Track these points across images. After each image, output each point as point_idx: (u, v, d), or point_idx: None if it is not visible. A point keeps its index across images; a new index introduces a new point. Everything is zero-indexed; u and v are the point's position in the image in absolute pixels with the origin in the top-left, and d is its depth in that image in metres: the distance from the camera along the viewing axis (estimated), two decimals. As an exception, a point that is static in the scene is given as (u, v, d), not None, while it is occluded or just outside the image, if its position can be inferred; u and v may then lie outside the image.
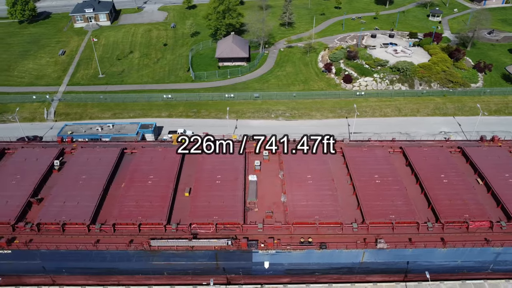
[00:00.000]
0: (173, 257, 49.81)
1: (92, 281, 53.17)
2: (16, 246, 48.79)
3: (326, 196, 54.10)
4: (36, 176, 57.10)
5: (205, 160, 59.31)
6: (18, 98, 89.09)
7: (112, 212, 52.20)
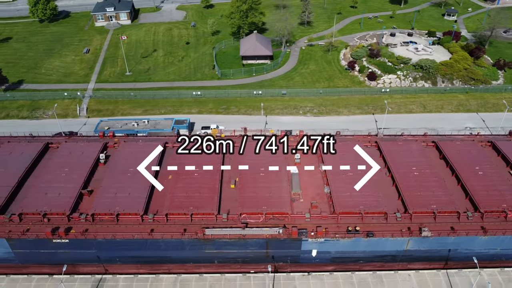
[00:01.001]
0: (225, 245, 51.73)
1: (144, 269, 54.97)
2: (74, 235, 50.94)
3: (368, 187, 56.37)
4: (85, 169, 58.93)
5: (245, 155, 60.42)
6: (49, 95, 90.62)
7: (163, 203, 54.35)
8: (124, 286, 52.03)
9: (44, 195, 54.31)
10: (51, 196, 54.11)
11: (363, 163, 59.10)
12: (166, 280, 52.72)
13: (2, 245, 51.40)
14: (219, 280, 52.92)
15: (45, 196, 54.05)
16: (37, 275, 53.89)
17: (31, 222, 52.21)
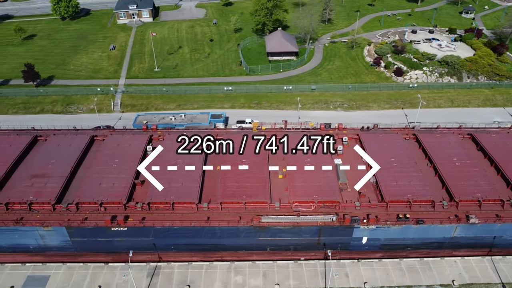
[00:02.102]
0: (279, 232, 53.18)
1: (197, 257, 56.29)
2: (133, 223, 52.26)
3: (414, 177, 57.83)
4: (135, 160, 60.08)
5: (292, 145, 61.61)
6: (82, 90, 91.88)
7: (216, 192, 55.87)
8: (179, 273, 53.53)
9: (98, 185, 55.62)
10: (106, 186, 55.50)
11: (407, 155, 61.39)
12: (220, 267, 54.17)
13: (61, 233, 52.74)
14: (272, 267, 54.41)
15: (100, 186, 55.35)
16: (93, 263, 55.55)
17: (88, 211, 53.58)
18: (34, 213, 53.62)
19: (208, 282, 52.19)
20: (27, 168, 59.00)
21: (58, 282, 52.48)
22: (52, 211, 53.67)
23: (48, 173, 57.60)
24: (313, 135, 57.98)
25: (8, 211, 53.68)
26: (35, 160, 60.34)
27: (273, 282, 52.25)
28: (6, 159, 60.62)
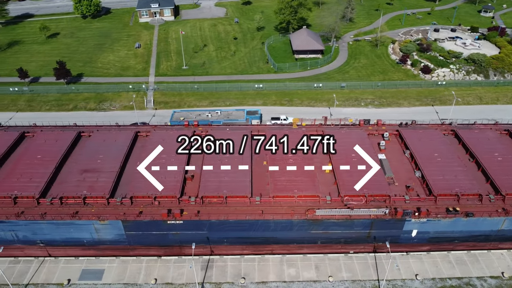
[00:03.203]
0: (332, 226, 53.95)
1: (248, 250, 57.01)
2: (189, 216, 52.97)
3: (459, 172, 58.75)
4: (183, 155, 61.05)
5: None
6: (113, 87, 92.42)
7: (267, 186, 56.64)
8: (232, 266, 54.33)
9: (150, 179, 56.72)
10: (158, 180, 56.33)
11: (449, 150, 62.02)
12: (273, 260, 55.00)
13: (117, 227, 53.40)
14: (323, 260, 55.28)
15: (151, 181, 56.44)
16: (145, 256, 56.26)
17: (142, 205, 54.40)
18: (89, 207, 54.44)
19: (262, 274, 53.00)
20: (76, 163, 59.66)
21: (113, 275, 53.20)
22: (107, 205, 54.34)
23: (98, 168, 58.30)
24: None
25: (63, 205, 54.50)
26: (83, 156, 60.97)
27: (326, 274, 53.12)
28: (54, 154, 61.55)
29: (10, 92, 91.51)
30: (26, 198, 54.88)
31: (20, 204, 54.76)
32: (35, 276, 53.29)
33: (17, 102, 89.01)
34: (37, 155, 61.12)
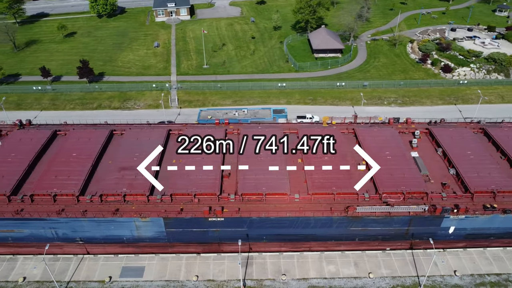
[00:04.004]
0: (371, 223, 54.39)
1: (286, 247, 57.38)
2: (230, 214, 53.26)
3: (493, 169, 59.18)
4: (218, 155, 61.44)
5: (365, 138, 63.87)
6: (137, 86, 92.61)
7: (304, 184, 56.99)
8: (272, 263, 54.63)
9: (188, 177, 56.78)
10: (196, 178, 56.44)
11: (481, 148, 62.38)
12: (311, 257, 55.37)
13: (158, 224, 53.69)
14: (361, 256, 55.69)
15: (190, 178, 56.54)
16: (183, 253, 56.51)
17: (182, 202, 54.76)
18: (129, 204, 54.83)
19: (302, 271, 53.38)
20: (113, 161, 59.88)
21: (154, 272, 53.46)
22: (147, 202, 54.79)
23: (135, 166, 58.43)
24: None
25: (102, 202, 54.86)
26: (119, 153, 61.18)
27: (366, 271, 53.56)
28: (89, 152, 61.75)
29: (34, 91, 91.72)
30: (66, 195, 55.29)
31: (59, 201, 55.06)
32: (75, 274, 53.49)
33: (41, 101, 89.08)
34: (72, 153, 61.28)
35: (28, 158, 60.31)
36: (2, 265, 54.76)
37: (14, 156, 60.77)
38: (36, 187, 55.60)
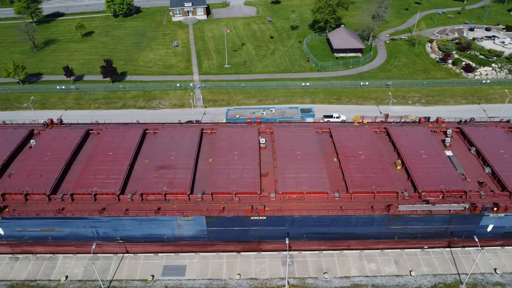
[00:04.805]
0: (411, 221, 54.67)
1: (325, 246, 57.61)
2: (272, 212, 53.40)
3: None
4: (254, 153, 61.49)
5: (399, 137, 64.12)
6: (161, 86, 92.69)
7: (341, 182, 57.46)
8: (313, 261, 54.81)
9: (227, 176, 56.81)
10: (235, 177, 56.49)
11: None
12: (351, 256, 55.61)
13: (200, 223, 53.83)
14: (401, 255, 55.90)
15: (229, 177, 56.46)
16: (223, 252, 56.61)
17: (223, 201, 54.89)
18: (170, 203, 55.03)
19: (343, 269, 53.58)
20: (149, 160, 59.85)
21: (196, 271, 53.56)
22: (188, 201, 54.99)
23: (174, 165, 58.57)
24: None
25: (143, 201, 55.05)
26: (155, 152, 61.14)
27: (407, 269, 53.77)
28: (125, 151, 61.68)
29: (57, 90, 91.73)
30: (106, 194, 55.58)
31: (100, 200, 55.15)
32: (117, 272, 53.71)
33: (65, 100, 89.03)
34: (108, 152, 61.30)
35: (64, 157, 60.43)
36: (43, 264, 54.96)
37: (50, 155, 60.83)
38: (76, 186, 55.62)
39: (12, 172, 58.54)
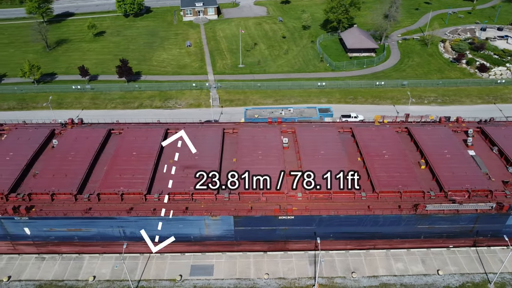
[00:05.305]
0: (438, 220, 54.77)
1: (351, 245, 57.69)
2: (300, 212, 53.48)
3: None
4: (278, 152, 61.56)
5: (421, 137, 64.19)
6: (176, 85, 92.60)
7: (368, 182, 57.54)
8: (340, 261, 54.93)
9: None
10: (261, 177, 56.99)
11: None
12: (378, 255, 55.76)
13: (228, 222, 53.82)
14: (427, 254, 56.06)
15: (256, 177, 56.82)
16: (249, 252, 56.59)
17: (250, 200, 54.98)
18: (197, 203, 55.02)
19: (371, 268, 53.73)
20: (173, 160, 59.52)
21: (223, 270, 53.61)
22: (215, 201, 54.93)
23: (199, 164, 58.41)
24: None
25: (170, 201, 55.00)
26: (180, 152, 61.33)
27: (434, 268, 53.91)
28: (149, 151, 61.50)
29: (73, 90, 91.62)
30: (133, 194, 55.58)
31: (127, 200, 55.16)
32: (145, 272, 53.71)
33: (81, 100, 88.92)
34: (132, 151, 61.27)
35: (88, 157, 60.33)
36: (69, 264, 54.93)
37: (74, 155, 60.68)
38: (102, 186, 55.63)
39: (36, 172, 58.82)
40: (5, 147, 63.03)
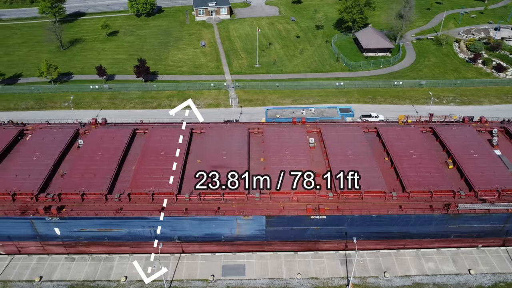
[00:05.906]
0: (469, 220, 54.79)
1: (381, 245, 57.71)
2: (332, 212, 53.45)
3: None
4: (305, 151, 61.41)
5: (447, 137, 64.08)
6: (194, 85, 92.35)
7: (396, 181, 57.67)
8: (371, 260, 54.95)
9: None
10: (291, 176, 56.64)
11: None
12: (409, 255, 55.83)
13: (259, 222, 53.70)
14: (457, 253, 56.20)
15: (286, 176, 56.60)
16: (279, 252, 56.54)
17: (281, 200, 54.98)
18: (228, 202, 54.95)
19: (403, 268, 53.74)
20: (201, 160, 59.66)
21: (255, 270, 53.59)
22: (246, 200, 54.86)
23: (227, 164, 58.22)
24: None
25: (201, 201, 54.97)
26: (206, 152, 61.05)
27: (465, 267, 54.02)
28: (175, 151, 61.72)
29: (90, 89, 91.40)
30: (164, 194, 55.53)
31: (157, 200, 55.16)
32: (176, 272, 53.65)
33: (99, 100, 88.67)
34: (160, 151, 61.03)
35: (116, 157, 60.10)
36: (100, 264, 54.88)
37: (101, 154, 60.51)
38: (132, 186, 55.48)
39: (64, 171, 58.68)
40: (31, 147, 62.80)
